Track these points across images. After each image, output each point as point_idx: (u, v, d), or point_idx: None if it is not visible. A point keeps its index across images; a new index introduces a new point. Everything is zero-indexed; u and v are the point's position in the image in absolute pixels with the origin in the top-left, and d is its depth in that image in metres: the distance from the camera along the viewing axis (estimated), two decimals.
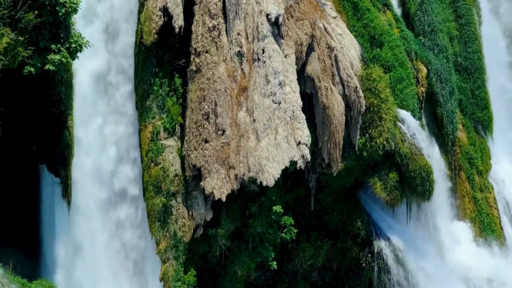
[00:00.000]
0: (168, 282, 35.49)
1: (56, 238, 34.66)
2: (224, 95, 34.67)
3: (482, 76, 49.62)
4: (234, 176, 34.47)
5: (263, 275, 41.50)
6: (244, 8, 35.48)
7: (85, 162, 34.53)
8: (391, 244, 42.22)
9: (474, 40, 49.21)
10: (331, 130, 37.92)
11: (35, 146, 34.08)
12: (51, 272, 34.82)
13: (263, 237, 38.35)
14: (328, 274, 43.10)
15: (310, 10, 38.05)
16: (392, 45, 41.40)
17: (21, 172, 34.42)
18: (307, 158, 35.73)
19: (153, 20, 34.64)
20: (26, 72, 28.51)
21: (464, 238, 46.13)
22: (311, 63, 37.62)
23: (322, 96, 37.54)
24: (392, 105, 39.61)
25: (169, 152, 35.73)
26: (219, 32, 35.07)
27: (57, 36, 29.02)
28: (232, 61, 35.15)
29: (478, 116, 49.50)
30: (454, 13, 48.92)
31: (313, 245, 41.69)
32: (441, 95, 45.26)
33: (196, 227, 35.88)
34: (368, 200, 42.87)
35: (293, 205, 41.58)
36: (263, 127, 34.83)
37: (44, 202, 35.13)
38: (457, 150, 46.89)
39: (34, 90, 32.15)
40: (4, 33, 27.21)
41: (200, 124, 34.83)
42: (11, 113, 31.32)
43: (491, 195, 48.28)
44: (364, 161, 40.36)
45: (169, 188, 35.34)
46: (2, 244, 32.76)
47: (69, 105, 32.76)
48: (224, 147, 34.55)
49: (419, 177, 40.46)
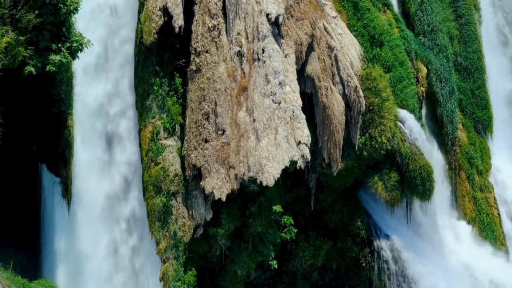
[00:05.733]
0: (168, 282, 35.48)
1: (56, 238, 34.66)
2: (224, 95, 34.67)
3: (482, 76, 49.66)
4: (234, 176, 34.47)
5: (263, 275, 41.51)
6: (244, 8, 35.48)
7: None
8: (391, 244, 42.22)
9: (474, 40, 49.25)
10: (331, 130, 37.92)
11: (35, 146, 34.08)
12: (51, 272, 34.82)
13: (263, 237, 38.35)
14: (328, 274, 43.10)
15: (310, 9, 38.05)
16: (392, 44, 41.40)
17: (21, 172, 34.42)
18: (307, 158, 35.73)
19: (153, 20, 34.64)
20: (26, 73, 28.52)
21: (464, 238, 46.14)
22: (311, 63, 37.62)
23: (322, 96, 37.55)
24: (393, 105, 39.63)
25: (169, 152, 35.73)
26: (219, 32, 35.07)
27: (57, 36, 29.03)
28: (232, 61, 35.15)
29: (478, 116, 49.53)
30: (454, 13, 48.95)
31: (313, 245, 41.69)
32: (441, 94, 45.28)
33: (196, 227, 35.88)
34: (368, 200, 42.86)
35: (293, 205, 41.57)
36: (263, 127, 34.83)
37: (44, 202, 35.13)
38: (457, 149, 46.91)
39: (34, 90, 32.14)
40: (5, 33, 27.21)
41: (200, 124, 34.83)
42: (11, 112, 31.30)
43: (491, 195, 48.29)
44: (364, 161, 40.35)
45: (169, 188, 35.33)
46: (2, 244, 32.77)
47: (69, 105, 32.75)
48: (224, 147, 34.55)
49: (419, 177, 40.44)
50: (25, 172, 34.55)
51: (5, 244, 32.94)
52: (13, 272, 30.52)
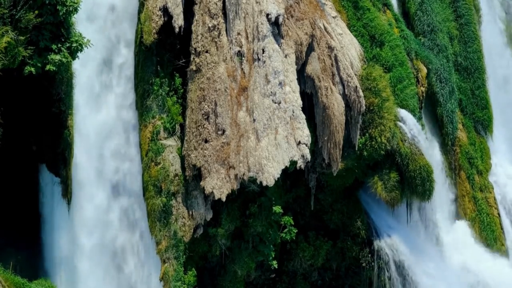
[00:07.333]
0: (168, 282, 35.48)
1: (56, 237, 34.66)
2: (224, 95, 34.67)
3: (482, 76, 49.69)
4: (234, 176, 34.47)
5: (263, 275, 41.49)
6: (244, 8, 35.48)
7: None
8: (391, 244, 42.21)
9: (474, 40, 49.27)
10: (331, 130, 37.92)
11: (35, 146, 34.07)
12: (51, 272, 34.82)
13: (263, 237, 38.35)
14: (328, 274, 43.09)
15: (310, 9, 38.06)
16: (392, 44, 41.39)
17: (21, 172, 34.40)
18: (307, 158, 35.73)
19: (153, 20, 34.63)
20: (26, 73, 28.52)
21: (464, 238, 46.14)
22: (311, 63, 37.63)
23: (322, 96, 37.55)
24: (393, 105, 39.63)
25: (169, 152, 35.72)
26: (219, 32, 35.07)
27: (57, 36, 29.03)
28: (232, 61, 35.15)
29: (478, 116, 49.55)
30: (454, 13, 48.98)
31: (313, 245, 41.69)
32: (441, 95, 45.30)
33: (196, 227, 35.88)
34: (368, 200, 42.86)
35: (293, 205, 41.57)
36: (263, 127, 34.83)
37: (44, 202, 35.13)
38: (457, 149, 46.93)
39: (34, 90, 32.13)
40: (5, 33, 27.21)
41: (200, 124, 34.83)
42: (11, 112, 31.30)
43: (491, 195, 48.30)
44: (364, 161, 40.35)
45: (169, 188, 35.33)
46: (2, 244, 32.77)
47: (69, 105, 32.74)
48: (224, 147, 34.55)
49: (419, 177, 40.45)
50: (25, 172, 34.53)
51: (5, 244, 32.93)
52: (13, 272, 30.53)
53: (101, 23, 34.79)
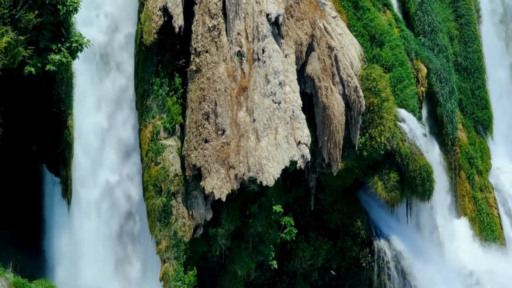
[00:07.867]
0: (168, 282, 35.48)
1: (57, 237, 34.65)
2: (224, 95, 34.68)
3: (482, 76, 49.69)
4: (234, 176, 34.47)
5: (263, 275, 41.50)
6: (244, 8, 35.49)
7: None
8: (391, 244, 42.22)
9: (474, 40, 49.26)
10: (331, 130, 37.93)
11: (35, 146, 34.06)
12: (51, 272, 34.80)
13: (263, 237, 38.35)
14: (328, 274, 43.10)
15: (310, 10, 38.06)
16: (392, 45, 41.40)
17: (21, 172, 34.39)
18: (307, 158, 35.74)
19: (153, 20, 34.64)
20: (26, 73, 28.52)
21: (464, 238, 46.14)
22: (311, 63, 37.64)
23: (322, 96, 37.56)
24: (393, 105, 39.64)
25: (169, 152, 35.73)
26: (219, 32, 35.08)
27: (57, 36, 29.03)
28: (232, 61, 35.16)
29: (478, 116, 49.55)
30: (454, 13, 48.95)
31: (313, 245, 41.70)
32: (441, 95, 45.29)
33: (196, 227, 35.89)
34: (368, 200, 42.86)
35: (293, 205, 41.57)
36: (263, 127, 34.84)
37: (45, 202, 35.11)
38: (457, 149, 46.92)
39: (34, 90, 32.13)
40: (4, 33, 27.22)
41: (200, 124, 34.83)
42: (11, 112, 31.30)
43: (491, 195, 48.32)
44: (364, 161, 40.36)
45: (169, 188, 35.33)
46: (2, 244, 32.75)
47: (69, 105, 32.74)
48: (224, 147, 34.55)
49: (419, 177, 40.45)
50: (25, 172, 34.51)
51: (5, 244, 32.90)
52: (13, 272, 30.52)
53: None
